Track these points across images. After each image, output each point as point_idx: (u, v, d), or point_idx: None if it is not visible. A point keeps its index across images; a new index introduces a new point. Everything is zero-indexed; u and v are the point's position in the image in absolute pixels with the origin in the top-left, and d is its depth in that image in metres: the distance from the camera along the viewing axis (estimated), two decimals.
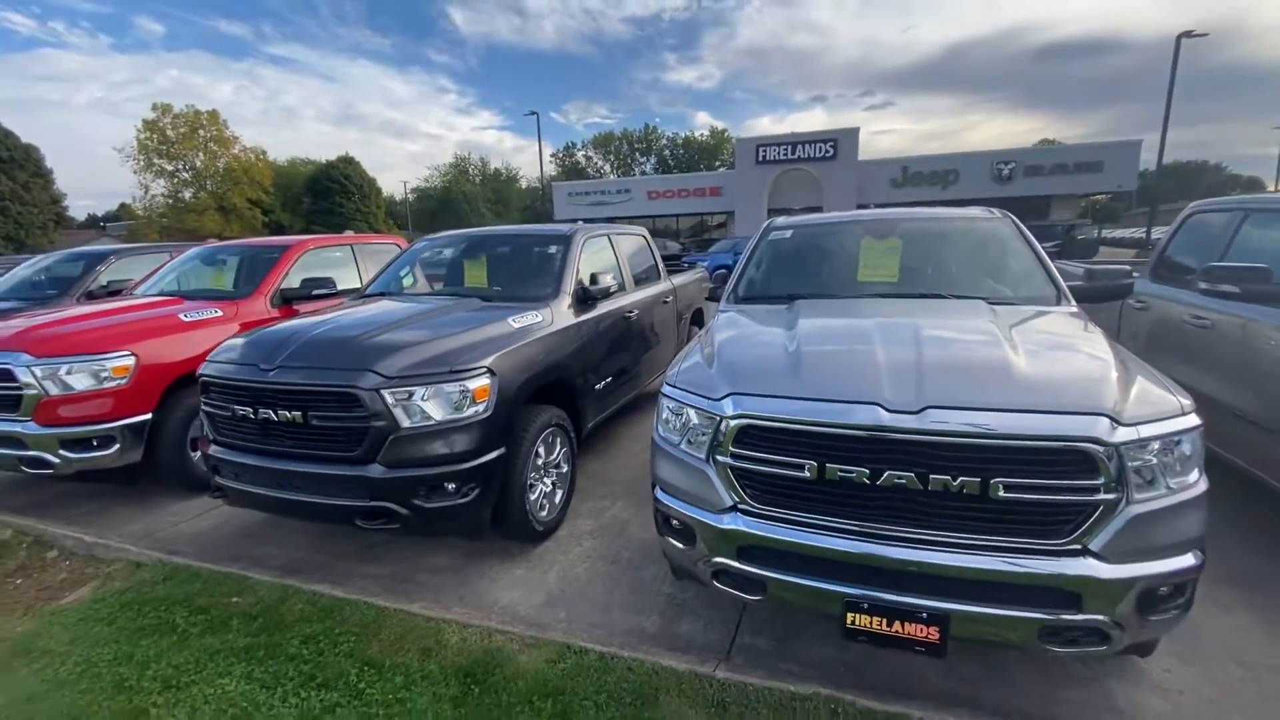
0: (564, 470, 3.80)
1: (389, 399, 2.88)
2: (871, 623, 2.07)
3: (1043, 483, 1.91)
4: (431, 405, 2.95)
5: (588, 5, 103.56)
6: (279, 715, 2.18)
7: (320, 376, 2.94)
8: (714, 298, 3.90)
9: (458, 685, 2.31)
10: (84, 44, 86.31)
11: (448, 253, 5.01)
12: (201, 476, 4.39)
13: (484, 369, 3.08)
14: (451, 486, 2.99)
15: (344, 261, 5.82)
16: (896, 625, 2.04)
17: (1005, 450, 1.92)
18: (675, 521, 2.49)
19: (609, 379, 4.51)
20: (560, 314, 3.96)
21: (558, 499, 3.73)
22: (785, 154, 27.60)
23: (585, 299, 4.23)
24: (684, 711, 2.18)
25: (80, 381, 3.89)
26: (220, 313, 4.64)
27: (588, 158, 71.68)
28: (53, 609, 2.98)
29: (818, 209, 27.47)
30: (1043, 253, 3.37)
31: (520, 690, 2.28)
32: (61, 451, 3.86)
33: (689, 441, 2.43)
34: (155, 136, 42.47)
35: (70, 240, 40.00)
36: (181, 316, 4.45)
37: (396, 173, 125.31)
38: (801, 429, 2.11)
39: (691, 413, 2.42)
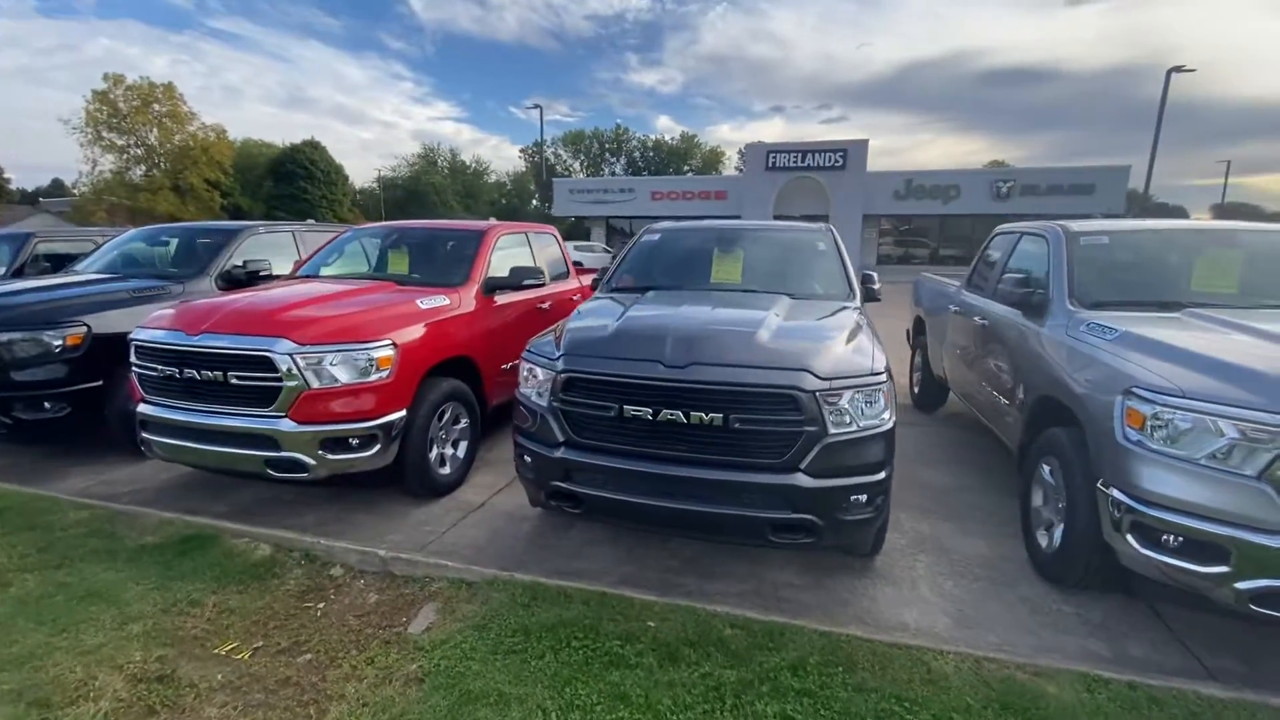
0: None
1: (823, 402, 2.63)
2: None
3: None
4: (853, 410, 2.71)
5: None
6: None
7: (755, 376, 2.65)
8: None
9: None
10: (6, 5, 78.65)
11: (694, 244, 4.65)
12: (441, 481, 3.99)
13: (885, 373, 2.85)
14: (862, 499, 2.75)
15: (519, 246, 5.41)
16: None
17: None
18: (1180, 539, 2.37)
19: None
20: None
21: None
22: (795, 161, 27.67)
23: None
24: None
25: (344, 373, 3.43)
26: (448, 300, 4.21)
27: (557, 155, 70.70)
28: (415, 639, 2.56)
29: (824, 217, 27.85)
30: None
31: None
32: (320, 452, 3.39)
33: (1216, 456, 2.32)
34: (105, 109, 39.40)
35: (13, 215, 36.87)
36: (419, 304, 3.99)
37: (350, 160, 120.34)
38: None
39: (1224, 424, 2.30)
